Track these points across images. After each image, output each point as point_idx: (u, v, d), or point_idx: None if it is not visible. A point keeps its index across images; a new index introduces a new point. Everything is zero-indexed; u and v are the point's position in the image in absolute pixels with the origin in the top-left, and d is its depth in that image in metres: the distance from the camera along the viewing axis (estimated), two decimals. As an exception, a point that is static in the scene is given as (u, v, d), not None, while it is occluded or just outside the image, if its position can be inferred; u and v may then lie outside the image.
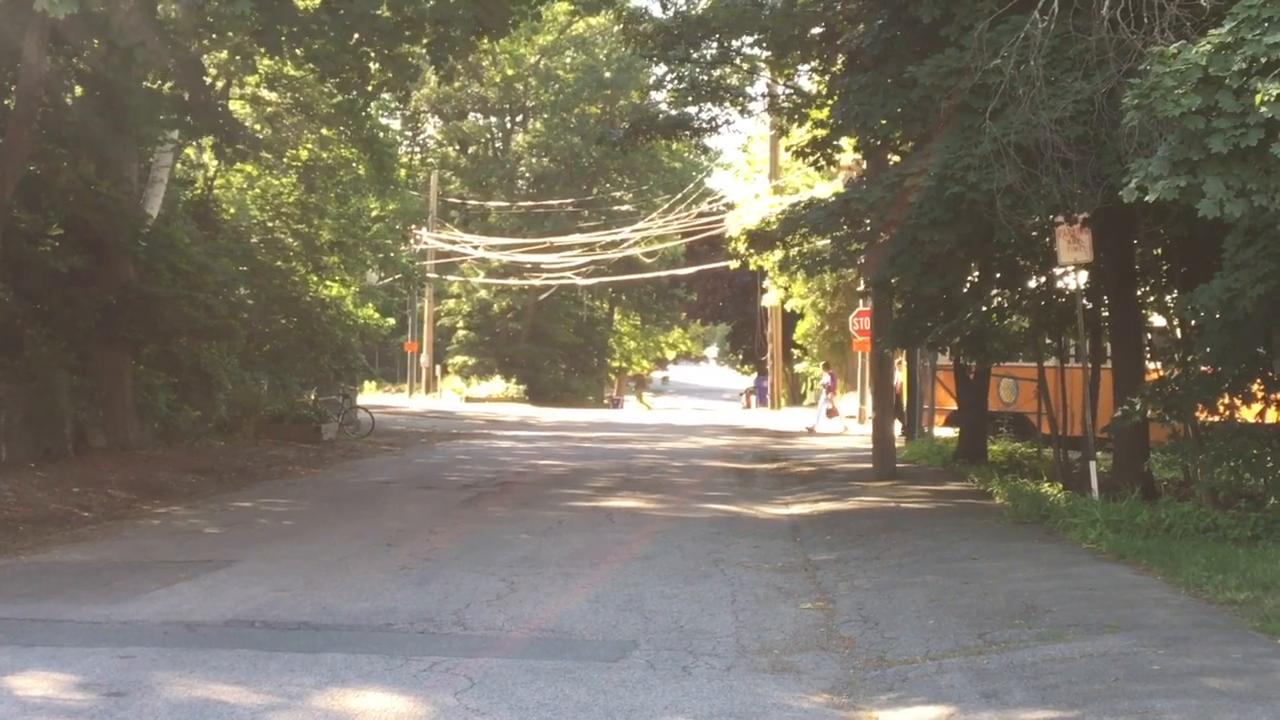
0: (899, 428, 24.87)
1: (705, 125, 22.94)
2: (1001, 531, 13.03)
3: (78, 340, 19.69)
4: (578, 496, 17.60)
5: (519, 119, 64.06)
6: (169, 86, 18.99)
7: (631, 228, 51.59)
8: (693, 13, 20.78)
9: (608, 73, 59.01)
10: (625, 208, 58.73)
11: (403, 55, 19.22)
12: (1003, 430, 23.69)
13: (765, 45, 20.02)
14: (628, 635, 8.72)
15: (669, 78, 23.81)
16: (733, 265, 39.36)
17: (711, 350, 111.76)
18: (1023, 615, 8.83)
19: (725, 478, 21.08)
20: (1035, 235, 15.57)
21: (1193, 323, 13.77)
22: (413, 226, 52.96)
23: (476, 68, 58.03)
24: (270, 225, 29.32)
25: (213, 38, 17.76)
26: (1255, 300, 10.52)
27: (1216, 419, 13.62)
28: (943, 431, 25.10)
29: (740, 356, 74.12)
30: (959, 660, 7.85)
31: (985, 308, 17.61)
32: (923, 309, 17.46)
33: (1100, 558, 11.18)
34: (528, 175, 62.74)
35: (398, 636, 8.65)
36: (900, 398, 26.10)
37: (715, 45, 20.65)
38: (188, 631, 8.74)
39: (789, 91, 23.08)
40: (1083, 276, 15.37)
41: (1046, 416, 17.93)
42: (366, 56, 19.14)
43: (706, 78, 21.41)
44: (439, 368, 58.85)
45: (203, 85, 19.42)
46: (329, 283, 30.76)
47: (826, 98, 19.89)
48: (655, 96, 37.47)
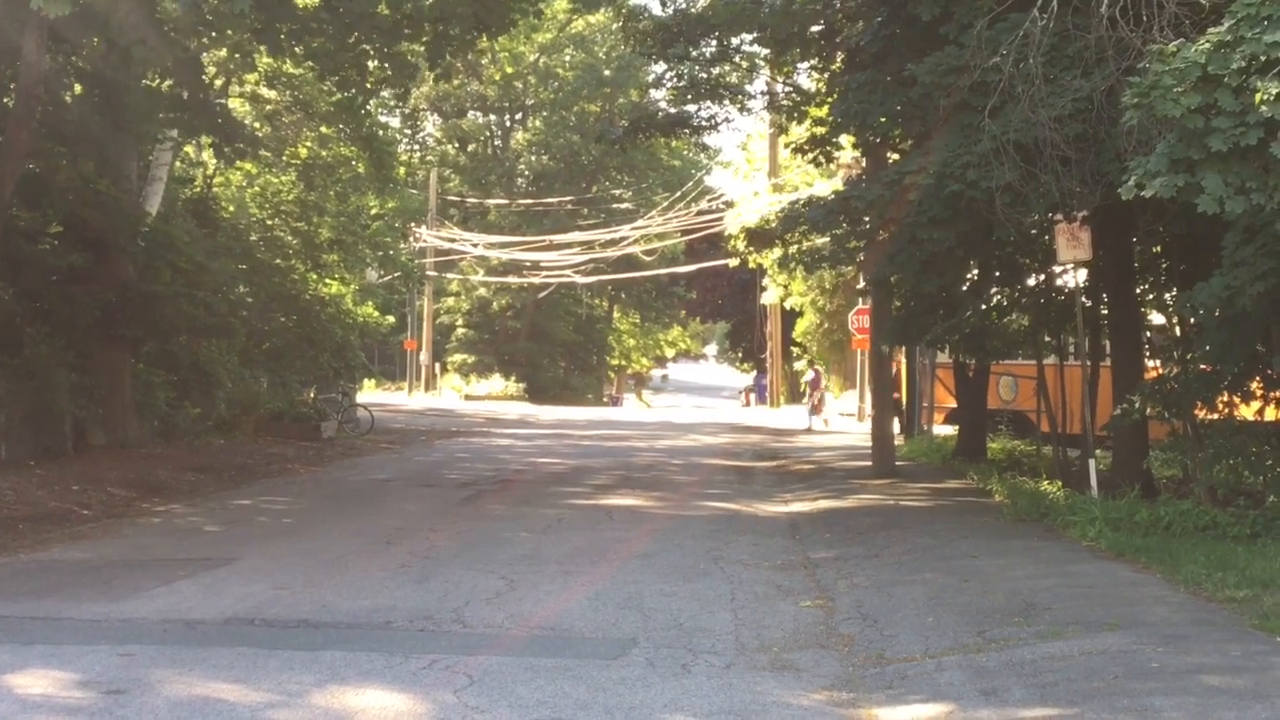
0: (896, 425, 24.82)
1: (704, 123, 22.97)
2: (1001, 529, 13.04)
3: (77, 338, 19.68)
4: (577, 494, 17.61)
5: (518, 117, 64.03)
6: (168, 85, 18.98)
7: (631, 226, 51.57)
8: (692, 10, 20.80)
9: (607, 71, 58.99)
10: (625, 206, 58.68)
11: (402, 53, 19.22)
12: (1002, 428, 23.69)
13: (764, 43, 20.00)
14: (627, 633, 8.73)
15: (668, 75, 23.88)
16: (732, 263, 39.37)
17: (711, 348, 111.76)
18: (1022, 613, 8.84)
19: (724, 475, 21.09)
20: (1034, 233, 15.56)
21: (1192, 320, 13.77)
22: (412, 224, 52.89)
23: (476, 66, 57.97)
24: (270, 223, 29.32)
25: (212, 36, 17.75)
26: (1254, 298, 10.52)
27: (1216, 417, 13.61)
28: (942, 429, 25.10)
29: (739, 354, 74.16)
30: (958, 658, 7.85)
31: (984, 305, 17.62)
32: (922, 307, 17.45)
33: (1099, 555, 11.19)
34: (527, 173, 62.75)
35: (397, 634, 8.65)
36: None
37: (714, 43, 20.67)
38: (187, 629, 8.75)
39: (788, 89, 23.08)
40: (1082, 274, 15.36)
41: (1046, 414, 17.94)
42: (366, 54, 19.13)
43: (706, 75, 21.43)
44: (438, 366, 58.84)
45: (202, 83, 19.43)
46: (328, 281, 30.77)
47: (826, 95, 19.90)
48: (654, 94, 37.58)
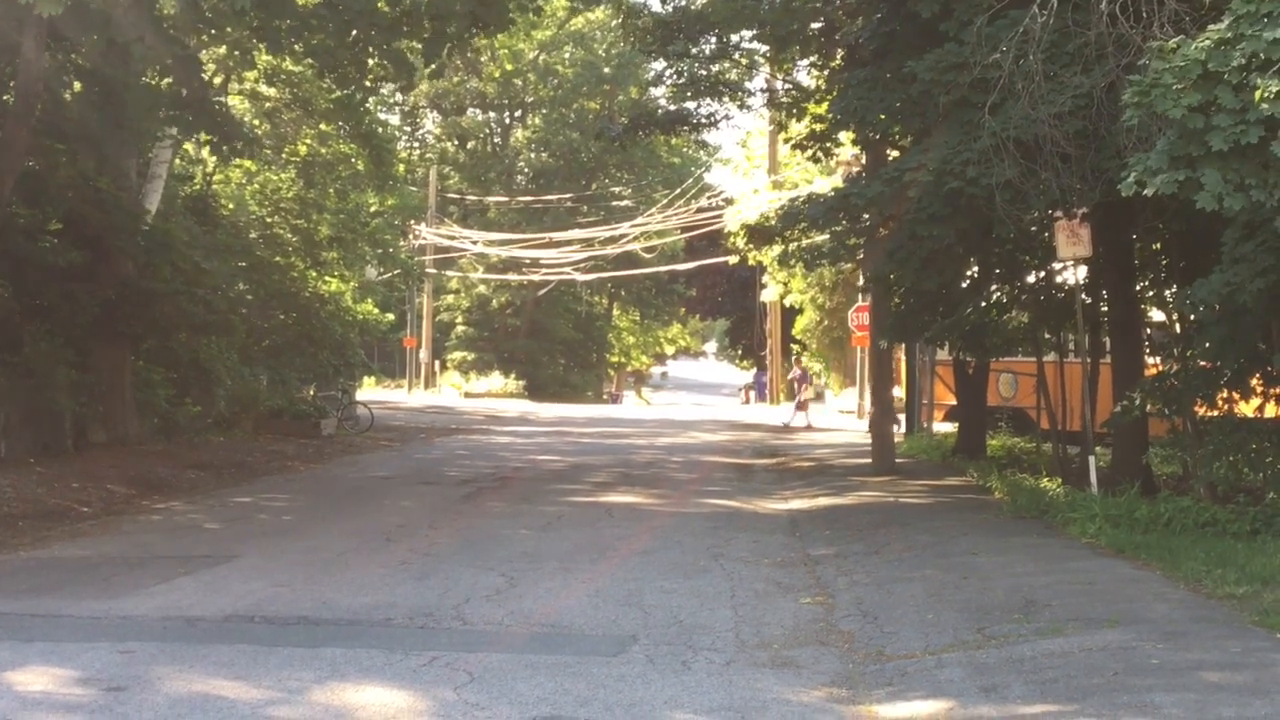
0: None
1: (704, 120, 23.00)
2: (1000, 526, 13.05)
3: (77, 336, 19.66)
4: (577, 492, 17.61)
5: (518, 114, 64.00)
6: (167, 82, 18.96)
7: (630, 223, 51.58)
8: (691, 7, 20.80)
9: (607, 68, 58.95)
10: (624, 203, 58.68)
11: (401, 50, 19.20)
12: (1002, 425, 23.67)
13: (764, 40, 20.00)
14: (627, 630, 8.73)
15: (668, 73, 23.84)
16: (732, 260, 39.33)
17: (711, 345, 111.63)
18: (1022, 610, 8.84)
19: (724, 473, 21.09)
20: (1034, 230, 15.55)
21: (1192, 317, 13.75)
22: (412, 222, 52.89)
23: (476, 63, 57.96)
24: (269, 220, 29.28)
25: (211, 33, 17.74)
26: (1254, 294, 10.52)
27: (1215, 414, 13.60)
28: (941, 427, 25.10)
29: (739, 351, 74.09)
30: (958, 655, 7.86)
31: (984, 302, 17.62)
32: (922, 304, 17.45)
33: (1099, 552, 11.18)
34: (527, 170, 62.72)
35: (397, 631, 8.66)
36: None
37: (714, 40, 20.69)
38: (187, 626, 8.75)
39: (788, 86, 23.07)
40: (1082, 271, 15.36)
41: (1045, 411, 17.92)
42: (365, 52, 19.11)
43: (705, 73, 21.45)
44: (438, 363, 58.84)
45: (201, 81, 19.39)
46: (328, 278, 30.72)
47: (825, 93, 19.90)
48: (654, 92, 37.64)
